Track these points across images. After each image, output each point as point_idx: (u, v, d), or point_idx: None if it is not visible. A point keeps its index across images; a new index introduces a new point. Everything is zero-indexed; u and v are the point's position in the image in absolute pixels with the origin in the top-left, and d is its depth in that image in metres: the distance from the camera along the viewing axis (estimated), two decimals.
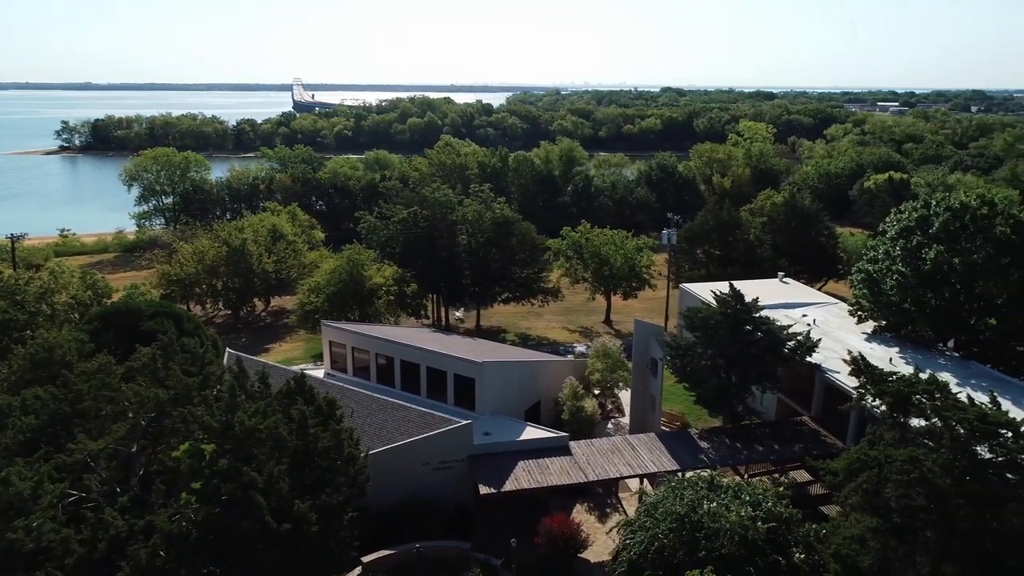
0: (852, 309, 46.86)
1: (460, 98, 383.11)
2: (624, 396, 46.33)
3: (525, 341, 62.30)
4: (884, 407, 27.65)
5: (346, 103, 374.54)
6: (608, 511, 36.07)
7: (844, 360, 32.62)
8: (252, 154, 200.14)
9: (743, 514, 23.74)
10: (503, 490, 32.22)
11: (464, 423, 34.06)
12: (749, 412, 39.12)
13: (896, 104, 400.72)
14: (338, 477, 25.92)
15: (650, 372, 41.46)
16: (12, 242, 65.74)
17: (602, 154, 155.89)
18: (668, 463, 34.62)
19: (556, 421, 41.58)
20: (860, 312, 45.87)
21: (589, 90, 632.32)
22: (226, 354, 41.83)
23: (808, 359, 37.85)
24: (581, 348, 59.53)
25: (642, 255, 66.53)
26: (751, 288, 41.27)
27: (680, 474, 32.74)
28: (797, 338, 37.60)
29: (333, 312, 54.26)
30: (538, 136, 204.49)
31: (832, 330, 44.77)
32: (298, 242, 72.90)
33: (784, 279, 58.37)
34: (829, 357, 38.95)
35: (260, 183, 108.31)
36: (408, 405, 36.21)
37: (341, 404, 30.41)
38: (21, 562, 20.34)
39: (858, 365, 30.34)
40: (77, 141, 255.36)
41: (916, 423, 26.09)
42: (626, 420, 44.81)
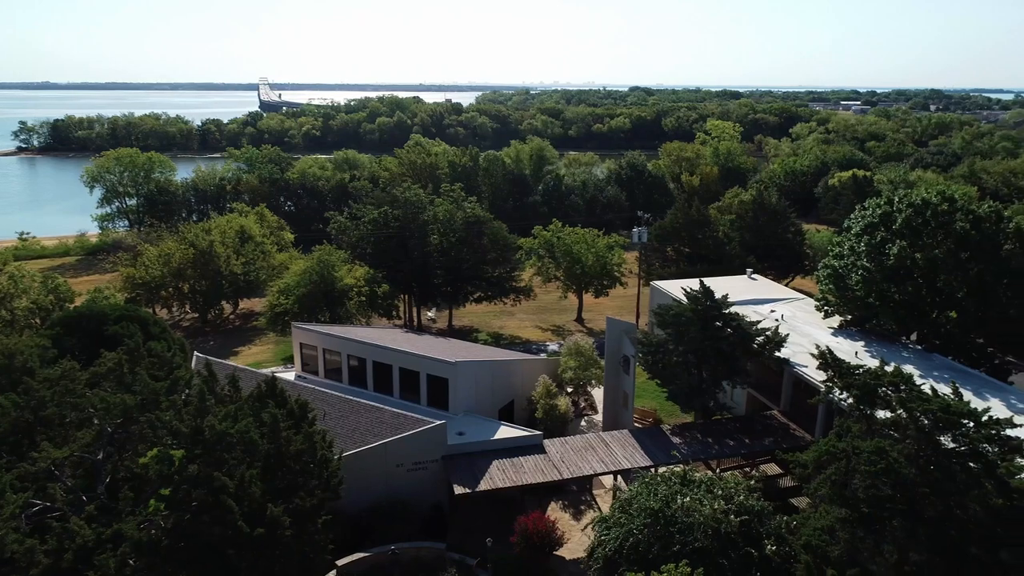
0: (819, 304, 47.69)
1: (429, 97, 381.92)
2: (597, 393, 46.60)
3: (498, 340, 62.30)
4: (851, 400, 28.18)
5: (314, 102, 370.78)
6: (583, 508, 36.26)
7: (812, 354, 33.17)
8: (218, 154, 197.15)
9: (716, 508, 24.08)
10: (478, 489, 32.20)
11: (438, 423, 33.96)
12: (720, 407, 39.65)
13: (859, 103, 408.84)
14: (311, 480, 25.68)
15: (622, 369, 41.74)
16: None
17: (572, 153, 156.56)
18: (641, 459, 34.91)
19: (530, 420, 41.68)
20: (827, 307, 46.73)
21: (558, 89, 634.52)
22: (194, 358, 41.18)
23: (777, 354, 38.43)
24: (554, 346, 59.72)
25: (613, 253, 66.96)
26: (720, 285, 41.82)
27: (653, 470, 33.01)
28: (766, 333, 38.18)
29: (303, 314, 53.70)
30: (508, 135, 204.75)
31: (800, 325, 45.52)
32: (267, 243, 72.00)
33: (752, 275, 59.19)
34: (797, 352, 39.59)
35: (227, 184, 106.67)
36: (381, 406, 35.98)
37: (313, 406, 30.14)
38: None
39: (825, 359, 30.87)
40: (36, 142, 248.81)
41: (882, 415, 26.62)
42: (599, 417, 45.08)
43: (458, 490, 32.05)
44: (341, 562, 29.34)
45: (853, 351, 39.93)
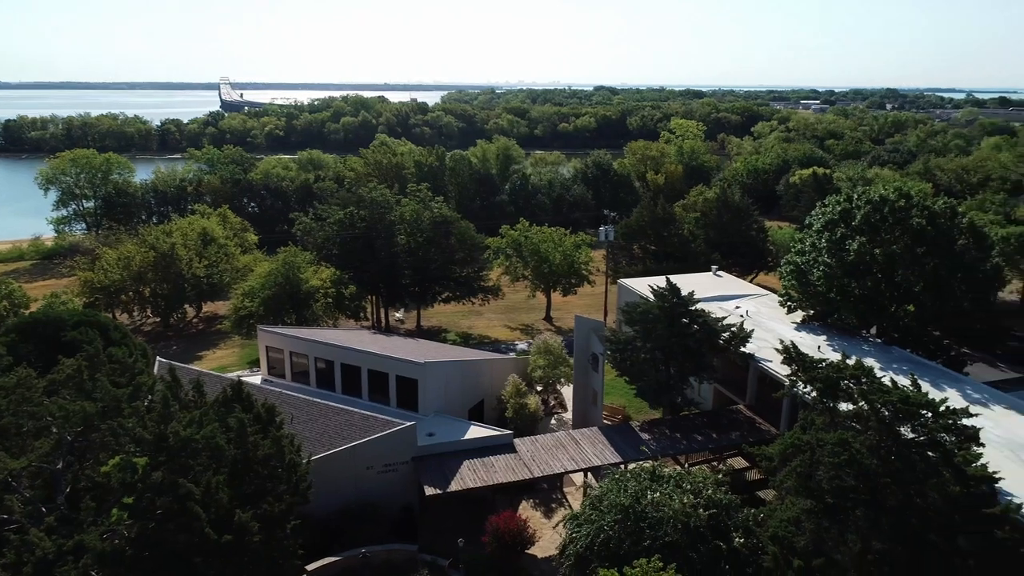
0: (782, 300, 48.59)
1: (395, 97, 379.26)
2: (566, 392, 46.82)
3: (467, 340, 62.20)
4: (814, 393, 28.76)
5: (276, 102, 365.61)
6: (554, 506, 36.40)
7: (776, 349, 33.76)
8: (178, 155, 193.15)
9: (685, 502, 24.37)
10: (449, 490, 32.13)
11: (408, 424, 33.79)
12: (688, 403, 40.16)
13: (818, 102, 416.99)
14: (279, 485, 25.31)
15: (591, 367, 42.00)
16: None
17: (538, 152, 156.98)
18: (611, 456, 35.17)
19: (500, 419, 41.70)
20: (790, 302, 47.61)
21: (524, 88, 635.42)
22: (157, 363, 40.35)
23: (742, 349, 39.06)
24: (523, 345, 59.84)
25: (580, 252, 67.32)
26: (686, 282, 42.33)
27: (623, 466, 33.23)
28: (731, 329, 38.76)
29: (269, 316, 52.98)
30: (474, 135, 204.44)
31: (764, 320, 46.32)
32: (230, 245, 70.82)
33: (717, 272, 60.08)
34: (762, 347, 40.27)
35: (188, 185, 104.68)
36: (350, 409, 35.68)
37: (280, 410, 29.71)
38: None
39: (789, 353, 31.44)
40: None
41: (845, 407, 27.23)
42: (569, 415, 45.29)
43: (429, 491, 31.93)
44: (311, 567, 29.04)
45: (816, 345, 40.76)
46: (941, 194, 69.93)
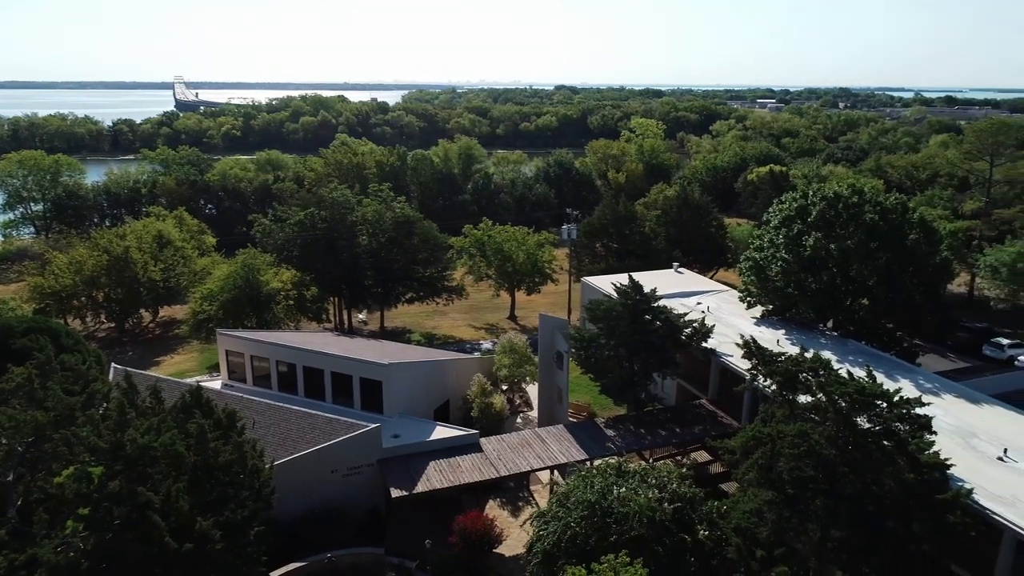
0: (742, 295, 49.42)
1: (355, 96, 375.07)
2: (532, 390, 46.95)
3: (431, 341, 61.93)
4: (774, 386, 29.34)
5: (233, 102, 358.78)
6: (521, 505, 36.48)
7: (737, 344, 34.33)
8: (132, 156, 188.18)
9: (650, 497, 24.65)
10: (415, 491, 31.96)
11: (372, 427, 33.51)
12: (651, 398, 40.62)
13: (773, 101, 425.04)
14: (242, 491, 24.89)
15: (556, 365, 42.18)
16: None
17: (500, 152, 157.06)
18: (577, 453, 35.37)
19: (466, 419, 41.62)
20: (749, 298, 48.47)
21: (485, 88, 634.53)
22: (112, 370, 39.31)
23: (704, 344, 39.62)
24: (487, 345, 59.81)
25: (544, 250, 67.55)
26: (649, 279, 42.76)
27: (589, 463, 33.51)
28: (693, 325, 39.29)
29: (228, 320, 51.99)
30: (436, 134, 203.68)
31: (724, 316, 47.07)
32: (187, 248, 69.28)
33: (679, 269, 60.88)
34: (723, 342, 40.91)
35: (142, 187, 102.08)
36: (313, 412, 35.23)
37: (242, 415, 29.22)
38: None
39: (750, 348, 32.02)
40: None
41: (803, 399, 27.83)
42: (534, 414, 45.42)
43: (395, 493, 31.71)
44: (275, 573, 28.64)
45: (775, 339, 41.58)
46: (892, 190, 71.83)
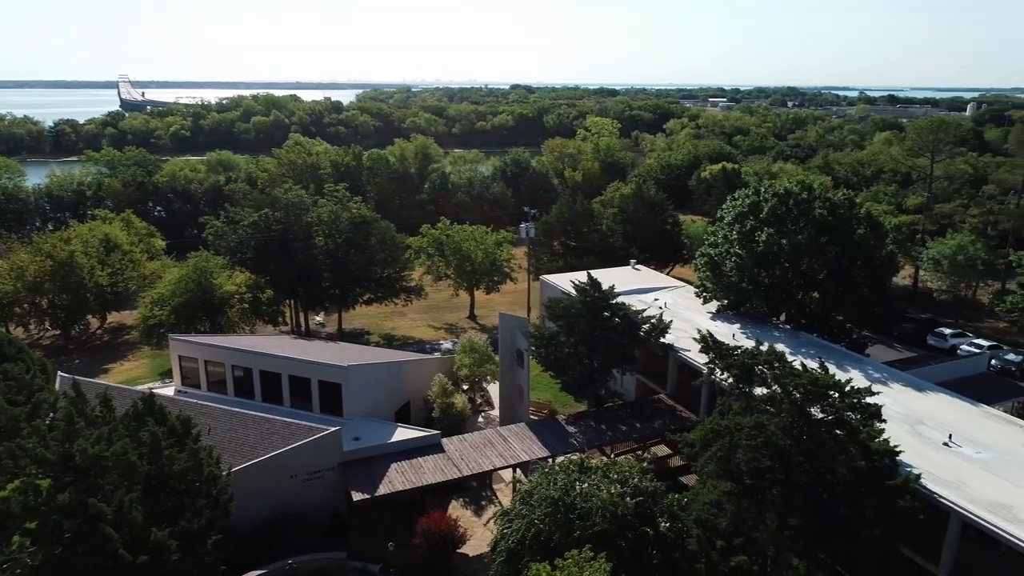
0: (698, 291, 50.26)
1: (307, 96, 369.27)
2: (493, 389, 46.96)
3: (390, 342, 61.44)
4: (731, 379, 29.92)
5: (182, 101, 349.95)
6: (484, 504, 36.47)
7: (694, 338, 34.91)
8: (75, 157, 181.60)
9: (612, 492, 24.88)
10: (377, 494, 31.66)
11: (332, 430, 33.08)
12: (611, 394, 41.01)
13: (724, 100, 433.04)
14: (198, 499, 24.36)
15: (517, 363, 42.27)
16: None
17: (457, 151, 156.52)
18: (539, 451, 35.50)
19: (427, 420, 41.42)
20: (705, 293, 49.32)
21: (440, 87, 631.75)
22: (58, 378, 37.99)
23: (662, 340, 40.15)
24: (447, 345, 59.61)
25: (502, 249, 67.61)
26: (607, 276, 43.15)
27: (551, 460, 33.68)
28: (651, 321, 39.79)
29: (181, 325, 50.75)
30: (391, 134, 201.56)
31: (681, 311, 47.80)
32: (135, 252, 67.31)
33: (636, 266, 61.61)
34: (680, 337, 41.53)
35: (87, 189, 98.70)
36: (271, 417, 34.60)
37: (197, 422, 28.60)
38: None
39: (707, 342, 32.59)
40: None
41: (759, 391, 28.43)
42: (496, 413, 45.44)
43: (356, 496, 31.37)
44: None
45: (731, 333, 42.38)
46: (840, 186, 74.17)
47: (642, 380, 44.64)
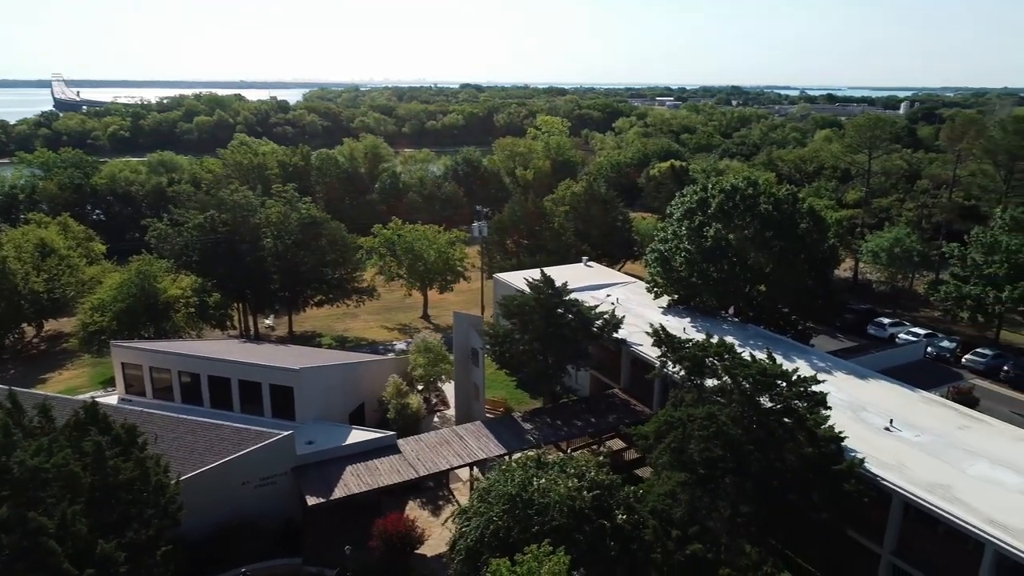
0: (649, 286, 51.02)
1: (253, 95, 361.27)
2: (448, 388, 46.80)
3: (343, 343, 60.68)
4: (683, 372, 30.48)
5: (120, 101, 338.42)
6: (441, 504, 36.33)
7: (646, 333, 35.42)
8: (6, 160, 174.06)
9: (569, 486, 25.03)
10: (332, 498, 31.23)
11: (285, 434, 32.50)
12: (566, 390, 41.30)
13: (671, 99, 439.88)
14: (146, 509, 23.64)
15: (472, 362, 42.21)
16: None
17: (407, 150, 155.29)
18: (496, 448, 35.53)
19: (382, 421, 41.05)
20: (656, 288, 50.10)
21: (389, 86, 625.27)
22: None
23: (615, 335, 40.64)
24: (401, 345, 59.15)
25: (455, 248, 67.44)
26: (560, 273, 43.51)
27: (508, 457, 33.74)
28: (604, 316, 40.24)
29: (123, 331, 49.09)
30: (340, 133, 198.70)
31: (633, 307, 48.44)
32: (73, 256, 64.82)
33: (588, 263, 62.19)
34: (633, 332, 42.09)
35: (19, 192, 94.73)
36: (220, 423, 33.80)
37: (143, 430, 27.72)
38: None
39: (659, 336, 33.12)
40: None
41: (710, 383, 29.04)
42: (452, 412, 45.29)
43: (311, 501, 30.89)
44: None
45: (681, 327, 43.14)
46: (784, 182, 76.22)
47: (596, 375, 45.09)
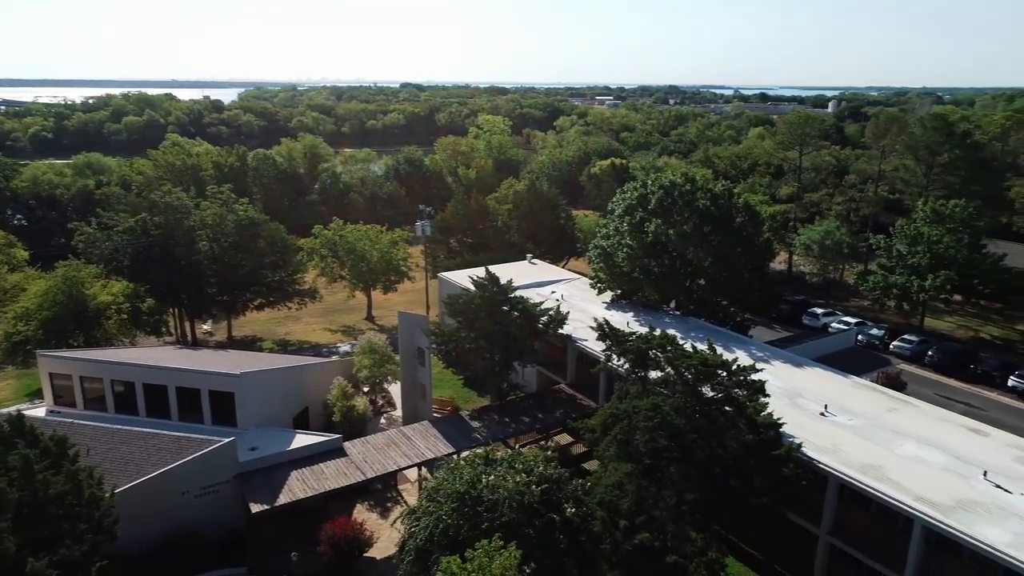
0: (592, 282, 51.67)
1: (185, 95, 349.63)
2: (394, 389, 46.38)
3: (285, 347, 59.44)
4: (627, 364, 30.97)
5: (42, 100, 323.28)
6: (390, 505, 36.00)
7: (591, 328, 35.86)
8: None
9: (518, 481, 25.14)
10: (277, 504, 30.61)
11: (226, 441, 31.66)
12: (513, 387, 41.47)
13: (611, 98, 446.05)
14: (79, 524, 22.70)
15: (418, 362, 41.93)
16: None
17: (348, 150, 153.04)
18: (444, 447, 35.41)
19: (327, 424, 40.42)
20: (599, 284, 50.78)
21: (328, 86, 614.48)
22: None
23: (560, 331, 41.00)
24: (345, 347, 58.30)
25: (398, 248, 66.83)
26: (504, 271, 43.62)
27: (457, 456, 33.65)
28: (549, 313, 40.54)
29: (51, 340, 46.88)
30: (277, 133, 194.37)
31: (578, 303, 48.96)
32: None
33: (532, 260, 62.55)
34: (578, 327, 42.53)
35: None
36: (157, 432, 32.70)
37: (74, 442, 26.59)
38: None
39: (603, 330, 33.57)
40: None
41: (654, 375, 29.59)
42: (399, 413, 44.89)
43: (255, 508, 30.18)
44: None
45: (625, 321, 43.80)
46: (720, 179, 78.14)
47: (543, 371, 45.40)
